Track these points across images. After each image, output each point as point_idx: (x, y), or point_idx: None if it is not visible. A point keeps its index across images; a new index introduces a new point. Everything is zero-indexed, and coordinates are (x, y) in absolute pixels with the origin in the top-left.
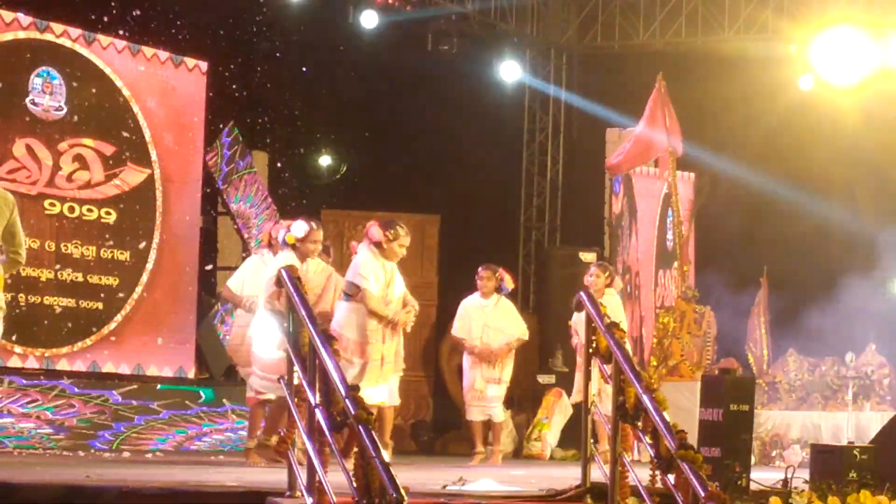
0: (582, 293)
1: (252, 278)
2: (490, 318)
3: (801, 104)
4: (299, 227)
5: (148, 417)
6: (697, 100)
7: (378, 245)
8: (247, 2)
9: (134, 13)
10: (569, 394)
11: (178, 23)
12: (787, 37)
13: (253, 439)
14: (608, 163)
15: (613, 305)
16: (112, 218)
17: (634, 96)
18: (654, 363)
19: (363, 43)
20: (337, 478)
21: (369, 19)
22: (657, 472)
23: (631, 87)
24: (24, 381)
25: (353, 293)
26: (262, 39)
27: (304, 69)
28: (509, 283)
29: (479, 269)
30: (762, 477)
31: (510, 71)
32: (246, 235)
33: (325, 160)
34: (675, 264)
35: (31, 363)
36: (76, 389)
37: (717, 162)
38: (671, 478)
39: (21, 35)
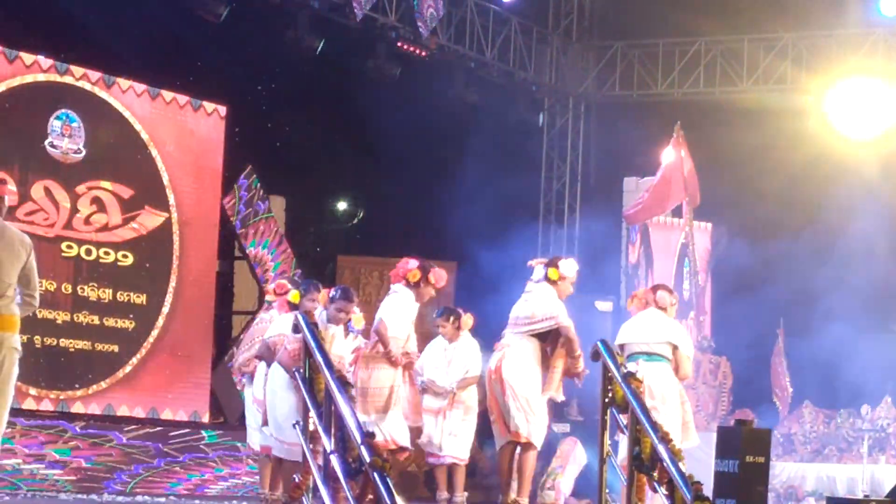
0: (598, 343)
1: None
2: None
3: (819, 155)
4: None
5: (162, 461)
6: (715, 150)
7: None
8: (267, 47)
9: (154, 57)
10: (584, 443)
11: (198, 67)
12: (805, 88)
13: (274, 492)
14: (625, 212)
15: (469, 348)
16: (129, 261)
17: (652, 146)
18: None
19: (382, 90)
20: None
21: (388, 68)
22: None
23: (649, 136)
24: (39, 424)
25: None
26: (281, 85)
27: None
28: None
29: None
30: None
31: (528, 119)
32: (262, 280)
33: (342, 206)
34: (692, 314)
35: (46, 406)
36: (91, 432)
37: (735, 212)
38: None
39: (41, 77)
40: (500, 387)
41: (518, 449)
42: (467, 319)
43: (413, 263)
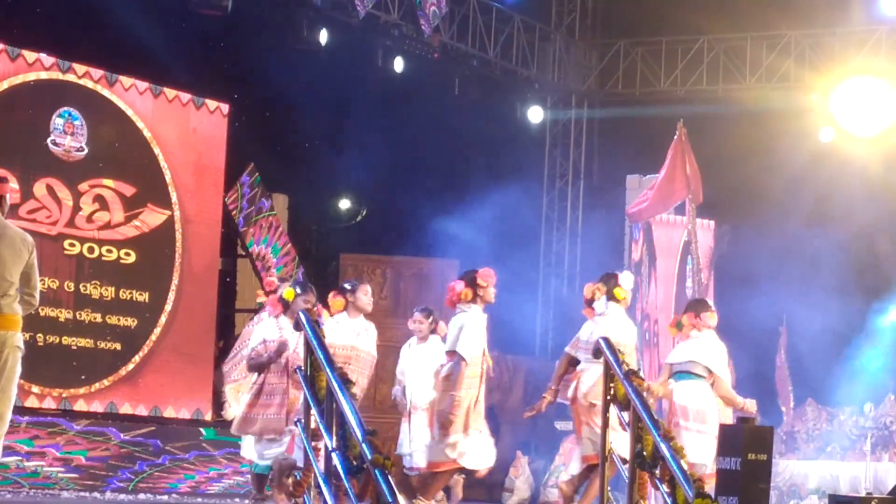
0: (601, 340)
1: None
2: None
3: (822, 153)
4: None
5: (165, 459)
6: (718, 147)
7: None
8: (270, 45)
9: (156, 55)
10: None
11: (200, 65)
12: (809, 86)
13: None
14: (629, 210)
15: (438, 351)
16: (131, 259)
17: (655, 143)
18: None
19: (386, 87)
20: None
21: (394, 65)
22: None
23: (652, 133)
24: (42, 422)
25: None
26: (284, 82)
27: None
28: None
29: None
30: None
31: (531, 117)
32: (264, 278)
33: (344, 204)
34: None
35: (49, 403)
36: (93, 430)
37: (738, 210)
38: None
39: (43, 76)
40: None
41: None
42: (443, 327)
43: (459, 286)
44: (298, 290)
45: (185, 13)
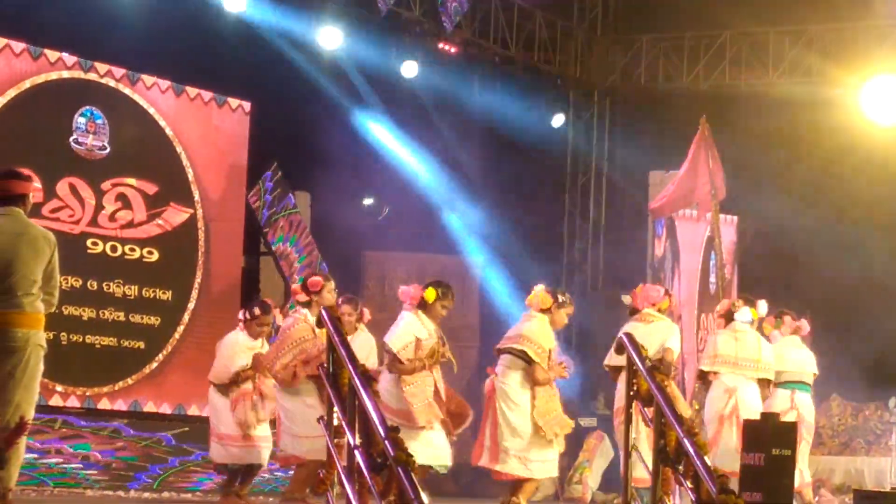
0: (623, 336)
1: None
2: None
3: (845, 147)
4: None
5: (189, 457)
6: (741, 142)
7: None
8: (290, 43)
9: (178, 53)
10: (610, 437)
11: (222, 63)
12: (832, 80)
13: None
14: (651, 205)
15: (364, 343)
16: (154, 257)
17: (678, 138)
18: (696, 406)
19: (407, 84)
20: None
21: (409, 69)
22: None
23: (674, 129)
24: (66, 420)
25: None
26: (306, 80)
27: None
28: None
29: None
30: None
31: (553, 113)
32: (288, 276)
33: (367, 201)
34: (718, 308)
35: (73, 402)
36: (117, 428)
37: (761, 205)
38: None
39: (65, 75)
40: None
41: None
42: (367, 314)
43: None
44: (440, 293)
45: (207, 11)
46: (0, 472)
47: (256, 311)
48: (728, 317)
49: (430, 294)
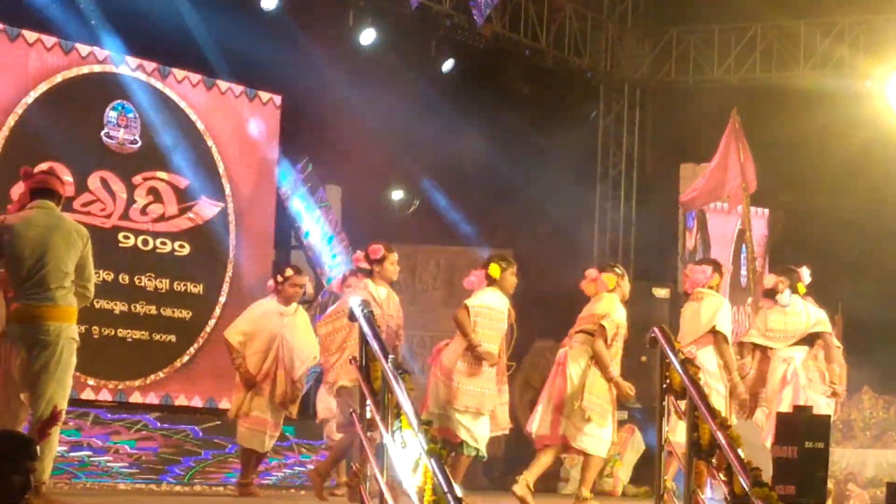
0: (656, 329)
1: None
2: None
3: (876, 139)
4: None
5: (219, 450)
6: (772, 135)
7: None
8: (322, 36)
9: (207, 48)
10: (642, 430)
11: (253, 56)
12: (863, 72)
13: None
14: (682, 198)
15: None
16: (185, 251)
17: (708, 131)
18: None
19: (437, 78)
20: None
21: (442, 58)
22: None
23: (705, 122)
24: (98, 414)
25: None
26: (337, 74)
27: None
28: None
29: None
30: None
31: (584, 106)
32: (318, 269)
33: (397, 194)
34: (749, 300)
35: (104, 396)
36: (149, 422)
37: (792, 197)
38: None
39: (97, 69)
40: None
41: None
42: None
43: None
44: (502, 264)
45: (237, 5)
46: (33, 464)
47: (289, 271)
48: (771, 294)
49: (495, 269)
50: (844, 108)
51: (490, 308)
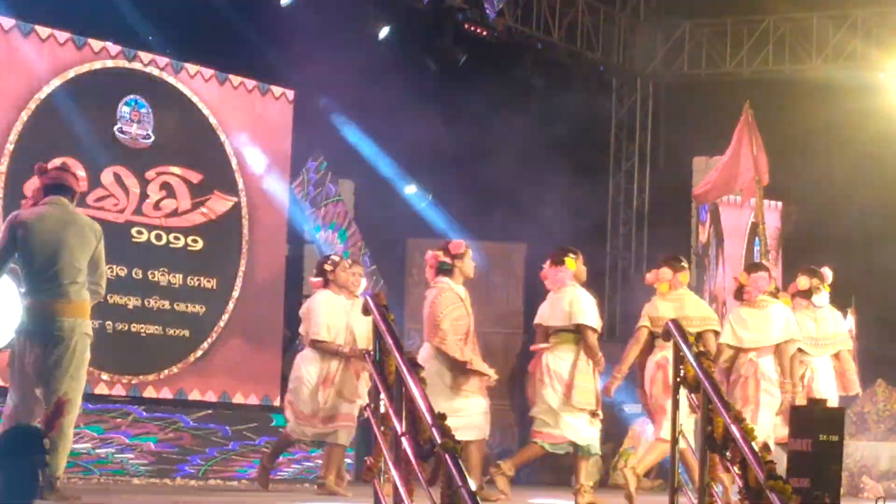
0: (670, 322)
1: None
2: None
3: (889, 131)
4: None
5: (234, 445)
6: (784, 128)
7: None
8: (334, 30)
9: (221, 42)
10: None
11: (266, 51)
12: (876, 64)
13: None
14: (695, 191)
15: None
16: (199, 246)
17: (721, 124)
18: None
19: (450, 71)
20: None
21: (454, 53)
22: (746, 503)
23: (717, 115)
24: (112, 408)
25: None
26: (349, 68)
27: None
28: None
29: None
30: None
31: (596, 100)
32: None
33: (410, 188)
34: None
35: (118, 391)
36: (163, 417)
37: (805, 190)
38: None
39: (109, 64)
40: None
41: None
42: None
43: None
44: (574, 255)
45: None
46: (47, 459)
47: (335, 257)
48: (804, 294)
49: (571, 263)
50: (857, 101)
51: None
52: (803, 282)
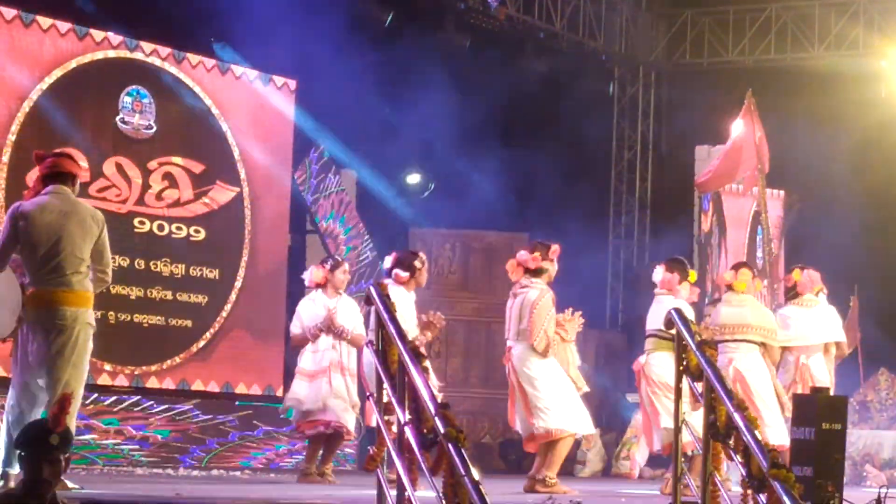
0: (672, 311)
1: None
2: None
3: (892, 119)
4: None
5: (237, 435)
6: (787, 116)
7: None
8: (336, 19)
9: (222, 33)
10: None
11: (268, 41)
12: (878, 52)
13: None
14: (697, 180)
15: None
16: (201, 236)
17: (724, 114)
18: None
19: (452, 61)
20: (426, 495)
21: (456, 40)
22: (749, 492)
23: (720, 104)
24: (114, 399)
25: None
26: (351, 58)
27: (392, 87)
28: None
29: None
30: (855, 496)
31: (598, 89)
32: (334, 253)
33: (412, 178)
34: (766, 282)
35: (121, 381)
36: (166, 407)
37: (807, 178)
38: (763, 497)
39: (111, 54)
40: None
41: None
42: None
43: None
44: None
45: None
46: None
47: (338, 257)
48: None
49: (693, 276)
50: (860, 89)
51: None
52: (811, 279)
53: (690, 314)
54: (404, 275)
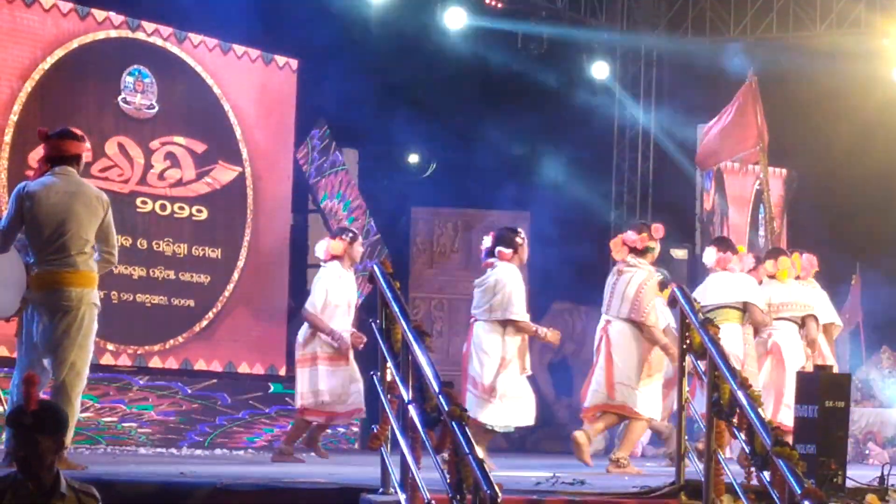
0: (675, 289)
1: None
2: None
3: (894, 98)
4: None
5: (240, 414)
6: (788, 95)
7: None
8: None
9: (223, 11)
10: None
11: (269, 20)
12: (880, 31)
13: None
14: (697, 157)
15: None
16: (203, 216)
17: (725, 92)
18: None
19: (453, 41)
20: (430, 474)
21: (456, 19)
22: (752, 469)
23: (722, 83)
24: (118, 378)
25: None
26: (352, 37)
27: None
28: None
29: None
30: (858, 474)
31: (600, 67)
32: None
33: (414, 157)
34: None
35: (124, 361)
36: (169, 386)
37: (809, 157)
38: (766, 475)
39: (113, 34)
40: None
41: None
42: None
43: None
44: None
45: None
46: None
47: (352, 232)
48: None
49: (742, 248)
50: (862, 67)
51: None
52: (805, 260)
53: (758, 290)
54: (508, 251)
